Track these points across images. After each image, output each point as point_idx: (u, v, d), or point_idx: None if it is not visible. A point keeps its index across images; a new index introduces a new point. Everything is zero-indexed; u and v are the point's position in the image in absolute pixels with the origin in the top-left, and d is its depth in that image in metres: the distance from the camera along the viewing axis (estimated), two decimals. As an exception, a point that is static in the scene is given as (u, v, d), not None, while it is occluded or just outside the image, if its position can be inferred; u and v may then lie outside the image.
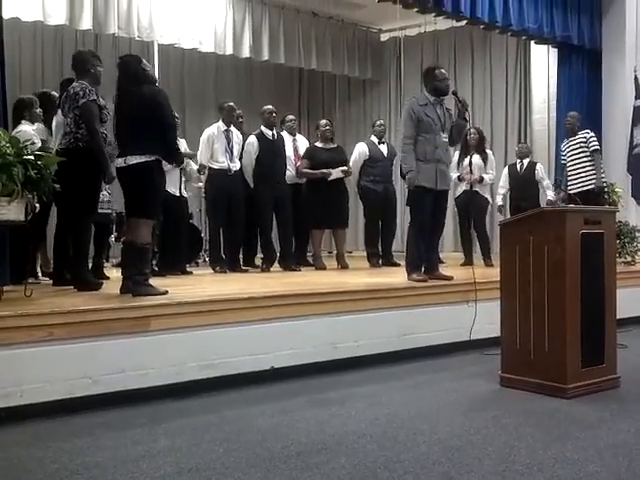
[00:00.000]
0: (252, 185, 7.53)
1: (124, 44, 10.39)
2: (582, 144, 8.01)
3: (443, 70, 5.99)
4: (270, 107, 7.75)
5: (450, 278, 5.90)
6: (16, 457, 3.14)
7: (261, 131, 7.60)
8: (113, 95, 5.00)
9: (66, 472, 2.94)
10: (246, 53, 10.40)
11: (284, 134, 8.01)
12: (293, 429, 3.53)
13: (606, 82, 9.60)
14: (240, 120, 7.84)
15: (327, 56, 11.62)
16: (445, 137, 5.89)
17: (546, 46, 10.16)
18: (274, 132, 7.66)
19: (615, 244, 5.15)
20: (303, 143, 8.33)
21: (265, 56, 10.65)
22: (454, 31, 11.46)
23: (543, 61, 10.68)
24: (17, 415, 3.64)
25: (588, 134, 8.05)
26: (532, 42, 10.24)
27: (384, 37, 12.71)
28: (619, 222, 7.00)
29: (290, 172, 7.88)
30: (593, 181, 7.94)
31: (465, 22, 9.18)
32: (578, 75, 9.72)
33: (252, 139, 7.55)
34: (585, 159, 8.01)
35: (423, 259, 5.88)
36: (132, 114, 4.76)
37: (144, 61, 4.99)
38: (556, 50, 9.95)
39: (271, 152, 7.52)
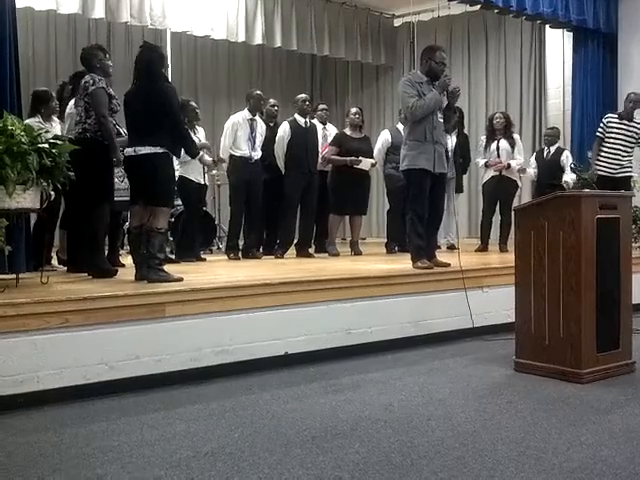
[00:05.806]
0: (283, 171, 7.53)
1: (137, 33, 10.39)
2: (636, 133, 7.91)
3: (444, 54, 5.86)
4: (304, 95, 7.82)
5: (447, 265, 5.74)
6: (33, 442, 3.17)
7: (294, 119, 7.61)
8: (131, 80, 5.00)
9: (83, 456, 2.97)
10: (258, 40, 10.35)
11: (315, 122, 7.96)
12: (307, 414, 3.55)
13: (622, 66, 9.49)
14: (275, 109, 7.85)
15: (340, 42, 11.54)
16: (441, 118, 5.77)
17: (561, 30, 10.04)
18: (307, 120, 7.66)
19: (631, 229, 5.12)
20: (333, 132, 8.24)
21: (277, 43, 10.59)
22: (468, 16, 11.34)
23: (558, 45, 10.56)
24: (34, 401, 3.67)
25: None
26: (547, 26, 10.12)
27: (397, 22, 12.61)
28: (635, 207, 6.95)
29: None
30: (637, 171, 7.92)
31: (479, 6, 9.09)
32: (593, 59, 9.59)
33: (285, 126, 7.56)
34: (632, 147, 7.92)
35: (424, 246, 5.75)
36: (144, 107, 4.77)
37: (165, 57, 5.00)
38: (571, 34, 9.82)
39: (303, 139, 7.51)
